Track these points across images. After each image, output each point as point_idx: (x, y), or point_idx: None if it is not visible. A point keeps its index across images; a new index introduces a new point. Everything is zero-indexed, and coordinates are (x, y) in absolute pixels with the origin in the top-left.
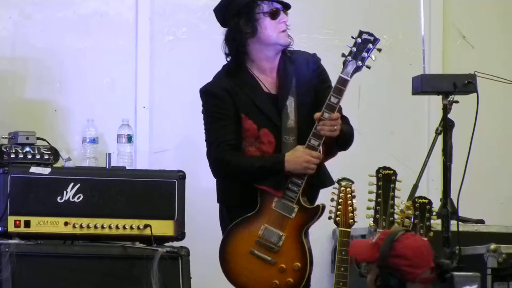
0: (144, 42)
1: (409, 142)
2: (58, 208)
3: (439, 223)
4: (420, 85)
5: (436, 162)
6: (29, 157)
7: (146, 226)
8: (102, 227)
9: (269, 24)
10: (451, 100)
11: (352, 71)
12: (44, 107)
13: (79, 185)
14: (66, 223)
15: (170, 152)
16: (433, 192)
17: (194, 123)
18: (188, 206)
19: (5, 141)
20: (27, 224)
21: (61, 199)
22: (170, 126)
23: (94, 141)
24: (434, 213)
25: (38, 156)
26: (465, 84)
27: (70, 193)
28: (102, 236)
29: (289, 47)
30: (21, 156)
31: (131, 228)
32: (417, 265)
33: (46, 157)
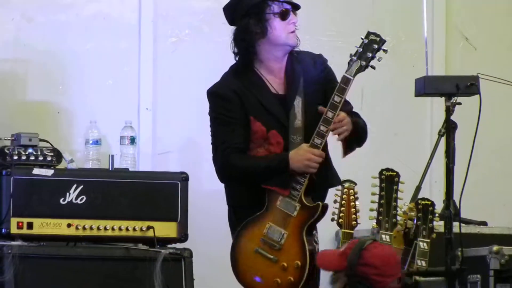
0: (147, 44)
1: (412, 144)
2: (61, 209)
3: (441, 224)
4: (423, 87)
5: (439, 164)
6: (32, 158)
7: (149, 227)
8: (105, 228)
9: (279, 25)
10: (454, 102)
11: (355, 71)
12: (47, 108)
13: (82, 186)
14: (69, 225)
15: (173, 154)
16: (436, 194)
17: (197, 125)
18: (191, 208)
19: (8, 142)
20: (29, 225)
21: (64, 200)
22: (173, 127)
23: (97, 142)
24: (437, 215)
25: (41, 158)
26: (468, 86)
27: (73, 195)
28: (105, 238)
29: (296, 48)
30: (24, 157)
31: (134, 229)
32: (386, 274)
33: (49, 158)
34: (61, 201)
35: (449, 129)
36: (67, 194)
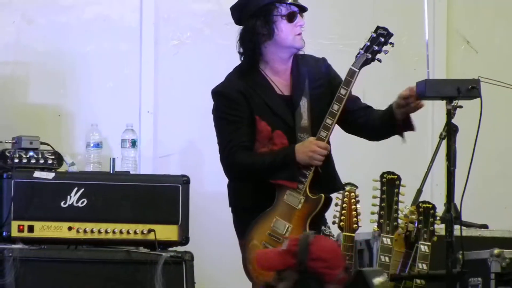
0: (148, 47)
1: (413, 147)
2: (61, 212)
3: (442, 227)
4: (424, 90)
5: (440, 167)
6: (33, 161)
7: (150, 230)
8: (106, 232)
9: (286, 27)
10: (455, 105)
11: (361, 63)
12: (48, 111)
13: (83, 189)
14: (69, 228)
15: (174, 156)
16: (437, 197)
17: (198, 128)
18: (192, 211)
19: (8, 145)
20: (30, 228)
21: (64, 203)
22: (174, 130)
23: (98, 145)
24: (438, 218)
25: (42, 161)
26: (469, 89)
27: (74, 198)
28: (105, 241)
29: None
30: (24, 160)
31: (135, 233)
32: (334, 266)
33: (50, 161)
34: (62, 204)
35: (450, 132)
36: (68, 197)
